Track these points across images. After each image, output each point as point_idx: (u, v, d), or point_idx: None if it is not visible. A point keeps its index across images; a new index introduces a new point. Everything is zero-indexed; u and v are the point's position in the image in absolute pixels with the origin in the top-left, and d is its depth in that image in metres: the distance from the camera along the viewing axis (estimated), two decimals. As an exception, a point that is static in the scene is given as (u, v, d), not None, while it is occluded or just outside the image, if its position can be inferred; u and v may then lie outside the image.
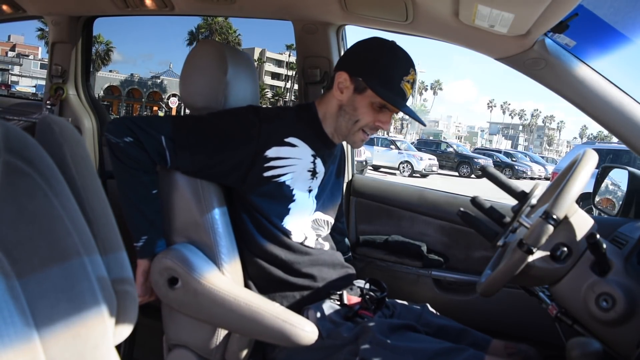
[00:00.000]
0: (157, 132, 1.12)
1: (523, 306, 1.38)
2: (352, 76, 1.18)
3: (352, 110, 1.19)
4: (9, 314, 0.51)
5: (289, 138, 1.19)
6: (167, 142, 1.12)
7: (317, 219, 1.29)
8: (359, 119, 1.19)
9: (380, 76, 1.15)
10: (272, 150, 1.16)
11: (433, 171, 17.96)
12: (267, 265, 1.21)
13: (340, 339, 1.13)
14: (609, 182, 1.61)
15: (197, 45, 1.36)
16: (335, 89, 1.20)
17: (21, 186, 0.54)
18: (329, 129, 1.25)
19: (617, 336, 0.91)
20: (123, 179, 1.13)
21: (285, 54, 57.44)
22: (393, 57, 1.17)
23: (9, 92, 30.02)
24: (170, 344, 1.24)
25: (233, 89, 1.26)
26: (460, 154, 21.12)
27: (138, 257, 1.15)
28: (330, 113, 1.23)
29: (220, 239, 1.16)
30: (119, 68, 75.27)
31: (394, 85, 1.15)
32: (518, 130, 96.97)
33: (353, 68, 1.18)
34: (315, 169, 1.25)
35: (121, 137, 1.10)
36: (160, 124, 1.14)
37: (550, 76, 1.18)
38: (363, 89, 1.17)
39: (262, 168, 1.16)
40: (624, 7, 1.13)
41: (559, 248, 0.94)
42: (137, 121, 1.13)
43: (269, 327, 1.09)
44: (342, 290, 1.26)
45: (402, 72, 1.16)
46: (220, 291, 1.11)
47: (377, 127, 1.21)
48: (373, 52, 1.18)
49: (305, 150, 1.22)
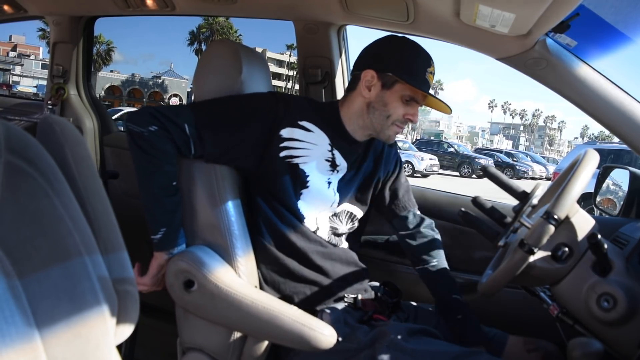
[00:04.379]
0: (181, 119, 1.12)
1: (524, 306, 1.37)
2: (380, 72, 1.20)
3: (382, 106, 1.21)
4: (10, 313, 0.51)
5: (304, 122, 1.21)
6: (190, 129, 1.13)
7: (338, 213, 1.29)
8: (390, 113, 1.21)
9: (408, 69, 1.18)
10: (285, 130, 1.19)
11: (434, 171, 17.94)
12: (279, 254, 1.21)
13: (357, 342, 1.12)
14: (610, 182, 1.61)
15: (211, 45, 1.35)
16: (363, 88, 1.22)
17: (22, 186, 0.55)
18: (351, 127, 1.26)
19: (618, 336, 0.91)
20: (144, 169, 1.12)
21: (286, 54, 57.48)
22: (415, 51, 1.21)
23: (10, 92, 30.09)
24: (185, 347, 1.22)
25: (248, 88, 1.25)
26: (461, 154, 21.11)
27: (155, 250, 1.14)
28: (355, 112, 1.25)
29: (237, 240, 1.15)
30: (120, 68, 75.58)
31: (421, 77, 1.19)
32: (519, 130, 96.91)
33: (379, 65, 1.20)
34: (335, 160, 1.25)
35: (145, 126, 1.09)
36: (182, 111, 1.15)
37: (552, 76, 1.17)
38: (392, 83, 1.19)
39: (278, 148, 1.18)
40: (625, 7, 1.13)
41: (560, 248, 0.94)
42: (160, 109, 1.13)
43: (287, 330, 1.08)
44: (355, 292, 1.25)
45: (425, 64, 1.20)
46: (237, 294, 1.10)
47: (407, 120, 1.23)
48: (397, 48, 1.22)
49: (321, 138, 1.23)
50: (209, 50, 1.31)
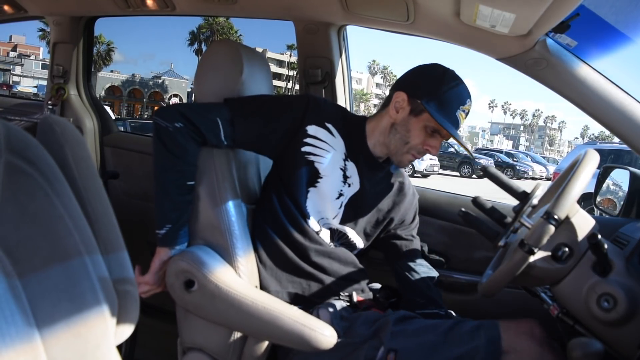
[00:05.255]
0: (213, 113, 1.15)
1: (524, 306, 1.37)
2: (411, 97, 1.20)
3: (404, 130, 1.21)
4: (10, 313, 0.51)
5: (330, 124, 1.23)
6: (222, 120, 1.15)
7: (341, 234, 1.28)
8: (409, 140, 1.21)
9: (439, 102, 1.17)
10: (312, 127, 1.21)
11: (434, 171, 17.96)
12: (280, 243, 1.22)
13: (360, 337, 1.12)
14: (611, 182, 1.61)
15: (212, 45, 1.36)
16: (392, 108, 1.22)
17: (22, 186, 0.55)
18: (372, 141, 1.26)
19: (619, 336, 0.91)
20: (162, 164, 1.13)
21: (286, 54, 57.45)
22: (454, 85, 1.19)
23: (10, 92, 30.11)
24: (185, 347, 1.22)
25: (249, 88, 1.26)
26: (462, 154, 21.11)
27: (158, 245, 1.15)
28: (380, 129, 1.25)
29: (237, 240, 1.16)
30: (120, 68, 75.56)
31: (450, 113, 1.18)
32: (519, 130, 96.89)
33: (413, 90, 1.20)
34: (346, 172, 1.25)
35: (172, 122, 1.11)
36: (215, 105, 1.18)
37: (552, 76, 1.17)
38: (420, 111, 1.19)
39: (301, 142, 1.21)
40: (625, 7, 1.13)
41: (560, 248, 0.94)
42: (192, 106, 1.16)
43: (287, 330, 1.08)
44: (352, 291, 1.25)
45: (460, 101, 1.19)
46: (238, 294, 1.10)
47: (425, 151, 1.23)
48: (435, 77, 1.20)
49: (339, 144, 1.25)
50: (209, 50, 1.31)
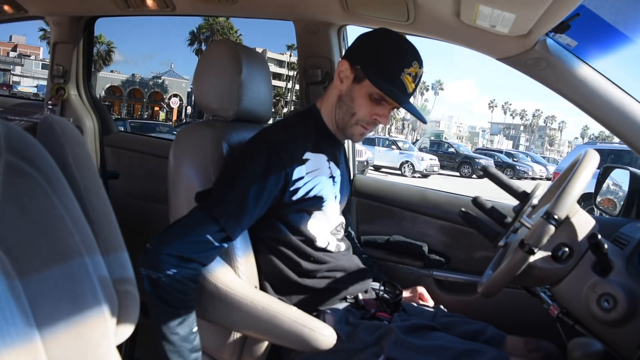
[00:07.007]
0: (199, 234, 1.02)
1: (524, 306, 1.37)
2: (353, 65, 1.14)
3: (349, 101, 1.15)
4: (11, 313, 0.51)
5: (306, 154, 1.14)
6: (214, 234, 1.03)
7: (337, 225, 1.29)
8: (355, 111, 1.15)
9: (378, 65, 1.10)
10: (295, 171, 1.11)
11: (434, 171, 17.95)
12: (284, 268, 1.18)
13: (362, 342, 1.11)
14: (611, 182, 1.61)
15: (211, 45, 1.35)
16: (336, 78, 1.17)
17: (23, 186, 0.55)
18: (332, 126, 1.23)
19: (619, 337, 0.91)
20: (164, 322, 1.01)
21: (286, 54, 57.40)
22: (395, 47, 1.12)
23: (10, 92, 30.13)
24: None
25: (247, 89, 1.25)
26: (462, 154, 21.12)
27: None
28: (329, 105, 1.20)
29: (236, 241, 1.15)
30: (120, 68, 75.61)
31: (393, 77, 1.09)
32: (519, 130, 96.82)
33: (354, 56, 1.15)
34: (333, 173, 1.23)
35: (162, 271, 0.98)
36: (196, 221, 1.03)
37: (552, 76, 1.17)
38: (361, 78, 1.12)
39: (290, 192, 1.11)
40: (625, 7, 1.13)
41: (560, 248, 0.94)
42: (172, 240, 1.00)
43: (286, 331, 1.08)
44: (357, 292, 1.25)
45: (403, 63, 1.10)
46: (237, 294, 1.09)
47: (374, 121, 1.16)
48: (375, 41, 1.14)
49: (320, 159, 1.19)
50: (209, 50, 1.31)
